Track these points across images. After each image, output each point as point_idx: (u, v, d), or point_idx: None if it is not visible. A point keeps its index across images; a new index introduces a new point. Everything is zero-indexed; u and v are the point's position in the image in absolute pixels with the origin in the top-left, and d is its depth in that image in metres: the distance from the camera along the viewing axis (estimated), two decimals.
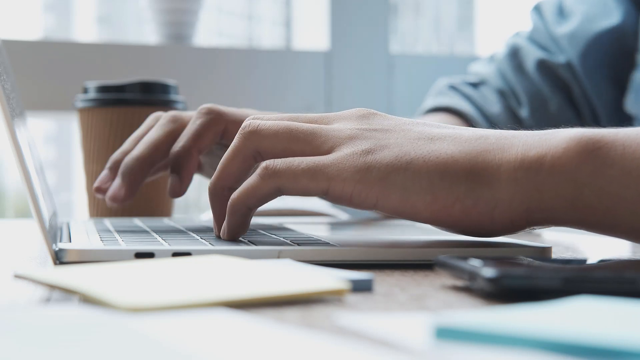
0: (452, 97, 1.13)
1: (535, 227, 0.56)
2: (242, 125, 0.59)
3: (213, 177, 0.60)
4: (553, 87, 1.10)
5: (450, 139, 0.56)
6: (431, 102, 1.15)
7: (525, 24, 1.16)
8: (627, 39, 1.08)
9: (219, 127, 0.73)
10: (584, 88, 1.08)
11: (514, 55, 1.13)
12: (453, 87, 1.15)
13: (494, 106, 1.11)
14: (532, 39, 1.13)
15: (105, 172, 0.76)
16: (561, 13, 1.12)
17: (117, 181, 0.74)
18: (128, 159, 0.74)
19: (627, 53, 1.08)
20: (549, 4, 1.14)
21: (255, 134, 0.58)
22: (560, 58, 1.09)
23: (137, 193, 0.75)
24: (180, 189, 0.73)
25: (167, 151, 0.74)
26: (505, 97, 1.12)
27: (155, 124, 0.77)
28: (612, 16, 1.08)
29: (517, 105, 1.11)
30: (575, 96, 1.09)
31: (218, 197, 0.60)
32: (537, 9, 1.15)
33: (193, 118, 0.73)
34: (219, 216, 0.60)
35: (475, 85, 1.15)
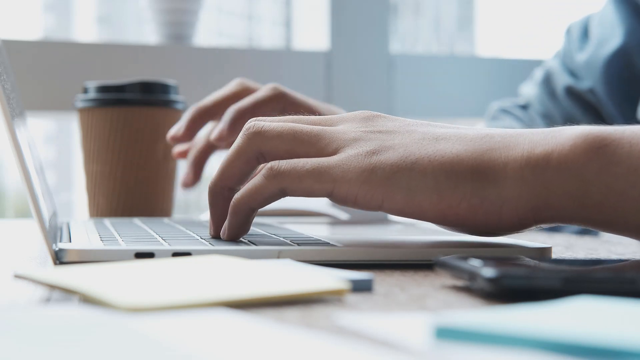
0: (506, 120, 1.19)
1: (542, 225, 0.56)
2: (245, 127, 0.59)
3: (214, 176, 0.60)
4: (583, 111, 1.14)
5: (455, 138, 0.56)
6: (488, 126, 1.20)
7: (559, 44, 1.20)
8: (633, 56, 1.09)
9: (278, 105, 0.82)
10: (609, 110, 1.10)
11: (548, 80, 1.18)
12: (505, 111, 1.21)
13: (541, 128, 1.15)
14: (563, 63, 1.17)
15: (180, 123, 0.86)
16: (585, 36, 1.16)
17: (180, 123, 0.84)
18: (192, 109, 0.85)
19: (637, 69, 1.09)
20: (577, 26, 1.19)
21: (259, 135, 0.58)
22: (584, 84, 1.13)
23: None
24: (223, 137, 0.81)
25: (226, 108, 0.83)
26: (546, 120, 1.16)
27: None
28: (615, 36, 1.10)
29: None
30: (605, 117, 1.11)
31: (218, 197, 0.60)
32: (568, 32, 1.20)
33: (259, 90, 0.83)
34: (217, 216, 0.60)
35: (524, 107, 1.21)
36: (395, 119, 0.59)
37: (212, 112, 0.84)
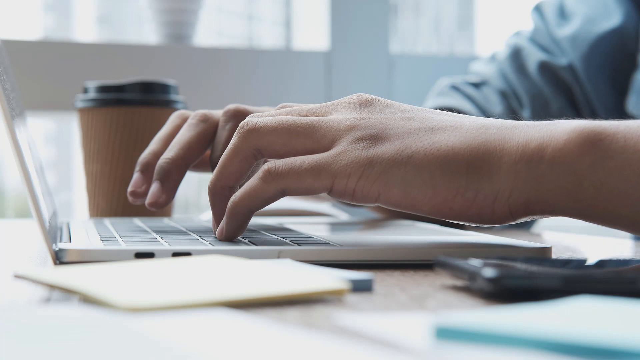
0: (454, 98, 1.12)
1: (534, 218, 0.56)
2: (240, 124, 0.59)
3: (213, 176, 0.60)
4: (555, 89, 1.09)
5: (451, 129, 0.56)
6: (432, 102, 1.14)
7: (526, 23, 1.16)
8: (627, 41, 1.08)
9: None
10: (585, 90, 1.08)
11: (516, 56, 1.12)
12: (455, 87, 1.14)
13: (496, 107, 1.11)
14: (534, 40, 1.12)
15: (137, 175, 0.72)
16: (562, 14, 1.12)
17: (156, 186, 0.70)
18: (163, 162, 0.70)
19: (628, 55, 1.07)
20: (550, 4, 1.14)
21: (254, 132, 0.58)
22: (562, 60, 1.09)
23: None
24: None
25: (200, 152, 0.71)
26: (506, 98, 1.11)
27: (182, 124, 0.74)
28: (612, 17, 1.08)
29: (518, 106, 1.11)
30: (576, 98, 1.09)
31: (218, 197, 0.60)
32: (538, 9, 1.14)
33: (221, 121, 0.71)
34: (219, 216, 0.60)
35: (476, 85, 1.14)
36: (390, 104, 0.59)
37: (187, 163, 0.71)
